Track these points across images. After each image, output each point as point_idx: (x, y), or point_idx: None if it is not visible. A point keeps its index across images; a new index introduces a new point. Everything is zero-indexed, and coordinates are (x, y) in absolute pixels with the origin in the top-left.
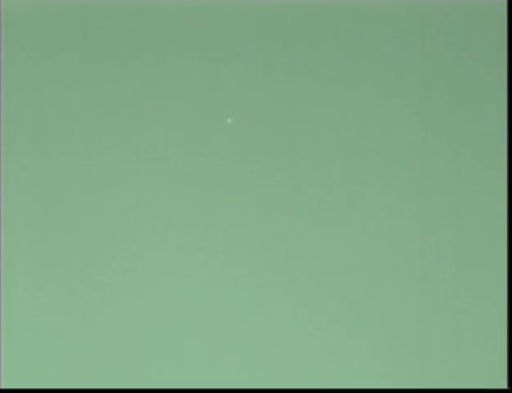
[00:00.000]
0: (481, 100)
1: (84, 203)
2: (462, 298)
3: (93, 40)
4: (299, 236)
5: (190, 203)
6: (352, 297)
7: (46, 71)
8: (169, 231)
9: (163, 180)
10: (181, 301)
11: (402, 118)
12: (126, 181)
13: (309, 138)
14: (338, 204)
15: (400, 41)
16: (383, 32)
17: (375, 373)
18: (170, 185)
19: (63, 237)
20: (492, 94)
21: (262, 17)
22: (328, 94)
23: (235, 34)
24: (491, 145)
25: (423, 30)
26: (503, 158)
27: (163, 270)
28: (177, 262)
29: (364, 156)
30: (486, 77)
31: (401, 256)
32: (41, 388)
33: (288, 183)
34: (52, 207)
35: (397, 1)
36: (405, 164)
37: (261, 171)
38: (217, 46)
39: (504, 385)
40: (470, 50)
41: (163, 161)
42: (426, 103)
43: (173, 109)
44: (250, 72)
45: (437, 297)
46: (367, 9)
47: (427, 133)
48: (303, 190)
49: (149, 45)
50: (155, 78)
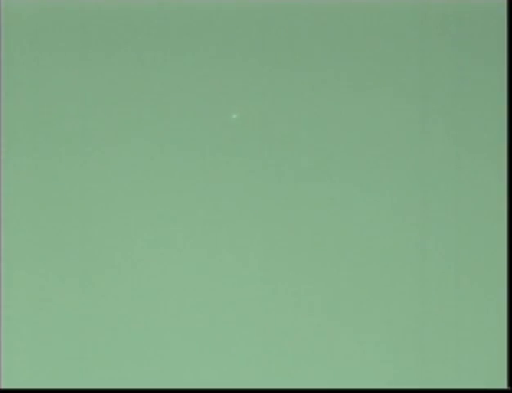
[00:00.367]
0: (481, 100)
1: (85, 202)
2: (462, 298)
3: (94, 38)
4: (301, 232)
5: (193, 200)
6: (351, 295)
7: (46, 71)
8: (171, 229)
9: (164, 178)
10: (181, 300)
11: (402, 117)
12: (127, 180)
13: (310, 136)
14: (339, 201)
15: (400, 41)
16: (383, 32)
17: (375, 373)
18: (171, 183)
19: (63, 237)
20: (492, 94)
21: (262, 17)
22: (328, 94)
23: (236, 33)
24: (491, 145)
25: (423, 30)
26: (503, 158)
27: (165, 268)
28: (179, 259)
29: (366, 153)
30: (486, 77)
31: (401, 255)
32: (41, 388)
33: (289, 180)
34: (52, 206)
35: (397, 1)
36: (405, 163)
37: (261, 167)
38: (218, 44)
39: (504, 385)
40: (470, 50)
41: (163, 160)
42: (426, 103)
43: (174, 106)
44: (252, 70)
45: (437, 297)
46: (367, 9)
47: (427, 133)
48: (304, 187)
49: (151, 42)
50: (156, 76)
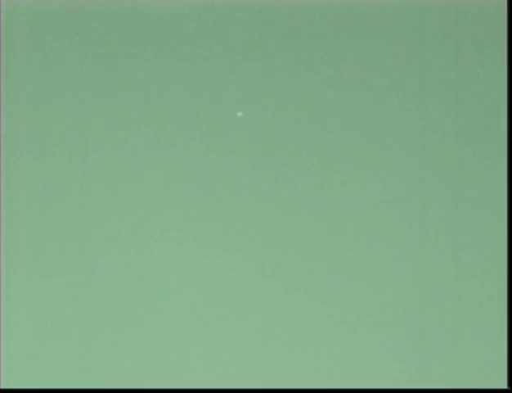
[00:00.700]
0: (481, 100)
1: (85, 202)
2: (462, 298)
3: (95, 38)
4: (301, 231)
5: (194, 199)
6: (351, 295)
7: (46, 71)
8: (171, 228)
9: (164, 178)
10: (181, 300)
11: (402, 117)
12: (127, 180)
13: (310, 136)
14: (340, 199)
15: (400, 41)
16: (383, 32)
17: (375, 373)
18: (171, 183)
19: (63, 237)
20: (492, 94)
21: (261, 17)
22: (328, 93)
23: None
24: (491, 144)
25: (423, 30)
26: (503, 158)
27: (165, 269)
28: (180, 257)
29: (366, 152)
30: (486, 77)
31: (401, 255)
32: (41, 388)
33: (289, 179)
34: (52, 206)
35: (397, 1)
36: (405, 162)
37: (259, 166)
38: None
39: (504, 385)
40: (470, 50)
41: (163, 160)
42: (426, 103)
43: (175, 106)
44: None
45: (437, 297)
46: (367, 9)
47: (427, 133)
48: (304, 186)
49: (152, 41)
50: (158, 76)
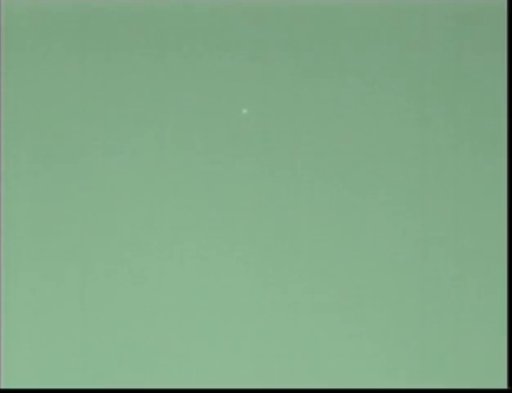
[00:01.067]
0: (481, 100)
1: (85, 203)
2: (462, 298)
3: (95, 38)
4: (301, 231)
5: (194, 199)
6: (351, 295)
7: (46, 71)
8: (171, 228)
9: (165, 178)
10: (181, 300)
11: (402, 117)
12: (127, 180)
13: (310, 135)
14: (340, 199)
15: (400, 41)
16: (383, 32)
17: (375, 373)
18: (171, 183)
19: (63, 237)
20: (492, 94)
21: (261, 18)
22: (328, 94)
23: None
24: (491, 144)
25: (423, 30)
26: (503, 158)
27: (166, 268)
28: (180, 257)
29: (366, 152)
30: (486, 77)
31: (401, 255)
32: (41, 388)
33: (289, 179)
34: (52, 207)
35: (398, 1)
36: (405, 162)
37: (259, 166)
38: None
39: (504, 385)
40: (470, 50)
41: (164, 160)
42: (426, 103)
43: (175, 106)
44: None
45: (437, 297)
46: (367, 9)
47: (427, 133)
48: (304, 186)
49: (154, 41)
50: (160, 75)
